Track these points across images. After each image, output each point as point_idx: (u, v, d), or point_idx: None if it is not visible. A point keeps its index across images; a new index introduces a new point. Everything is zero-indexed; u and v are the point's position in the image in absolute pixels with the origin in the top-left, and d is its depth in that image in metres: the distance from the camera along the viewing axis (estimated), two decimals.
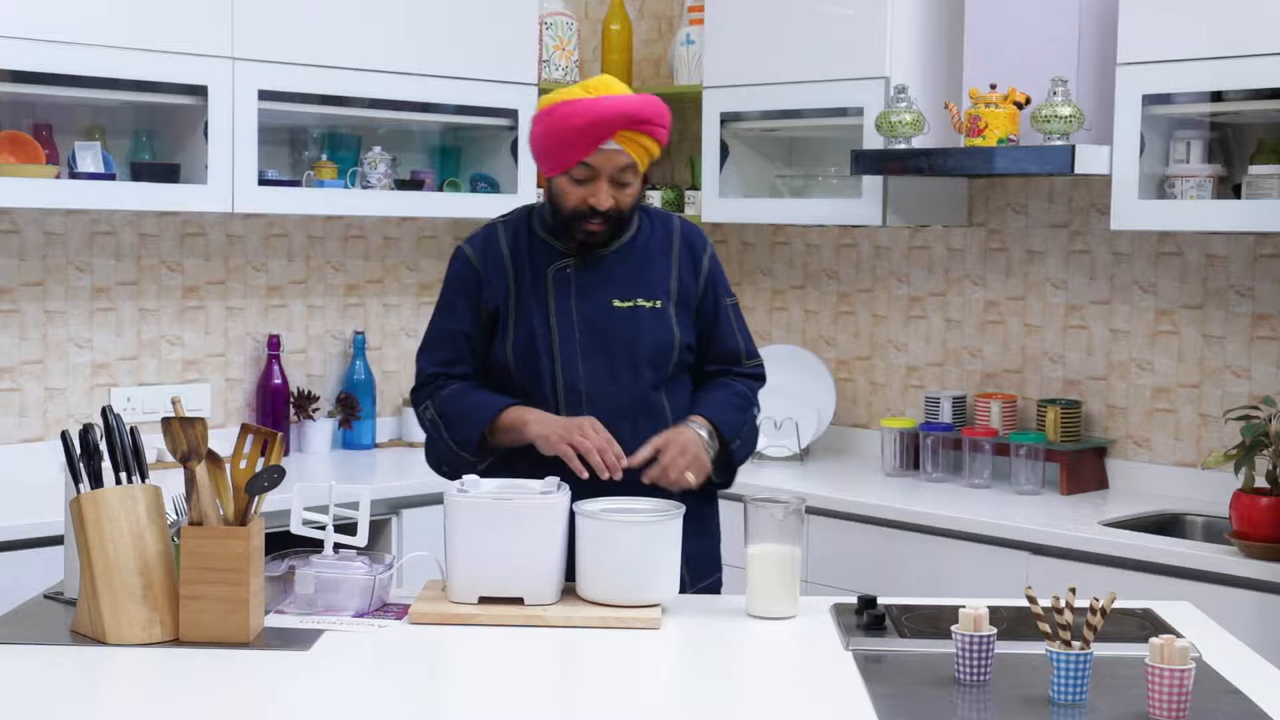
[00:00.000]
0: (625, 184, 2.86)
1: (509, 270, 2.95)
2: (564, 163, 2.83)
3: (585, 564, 2.64)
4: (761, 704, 2.25)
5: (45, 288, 4.14)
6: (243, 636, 2.44)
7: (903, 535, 3.96)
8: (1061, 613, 2.22)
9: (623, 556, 2.60)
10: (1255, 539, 3.40)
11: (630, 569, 2.61)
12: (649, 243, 2.99)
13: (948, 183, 4.49)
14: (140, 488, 2.52)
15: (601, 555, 2.62)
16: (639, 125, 2.80)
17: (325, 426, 4.58)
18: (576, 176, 2.84)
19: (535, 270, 2.94)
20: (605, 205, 2.84)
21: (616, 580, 2.61)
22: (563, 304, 2.92)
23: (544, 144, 2.85)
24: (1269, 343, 4.02)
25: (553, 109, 2.83)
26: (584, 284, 2.93)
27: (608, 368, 2.91)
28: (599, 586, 2.62)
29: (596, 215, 2.85)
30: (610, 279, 2.94)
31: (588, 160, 2.82)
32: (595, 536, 2.62)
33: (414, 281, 4.83)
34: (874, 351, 4.80)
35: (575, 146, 2.80)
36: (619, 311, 2.91)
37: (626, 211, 2.90)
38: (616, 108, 2.79)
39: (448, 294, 3.01)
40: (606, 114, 2.78)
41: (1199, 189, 3.82)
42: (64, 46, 3.74)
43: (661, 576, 2.64)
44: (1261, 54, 3.60)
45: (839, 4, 4.38)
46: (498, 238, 2.99)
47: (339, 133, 4.55)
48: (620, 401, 2.90)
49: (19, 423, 4.11)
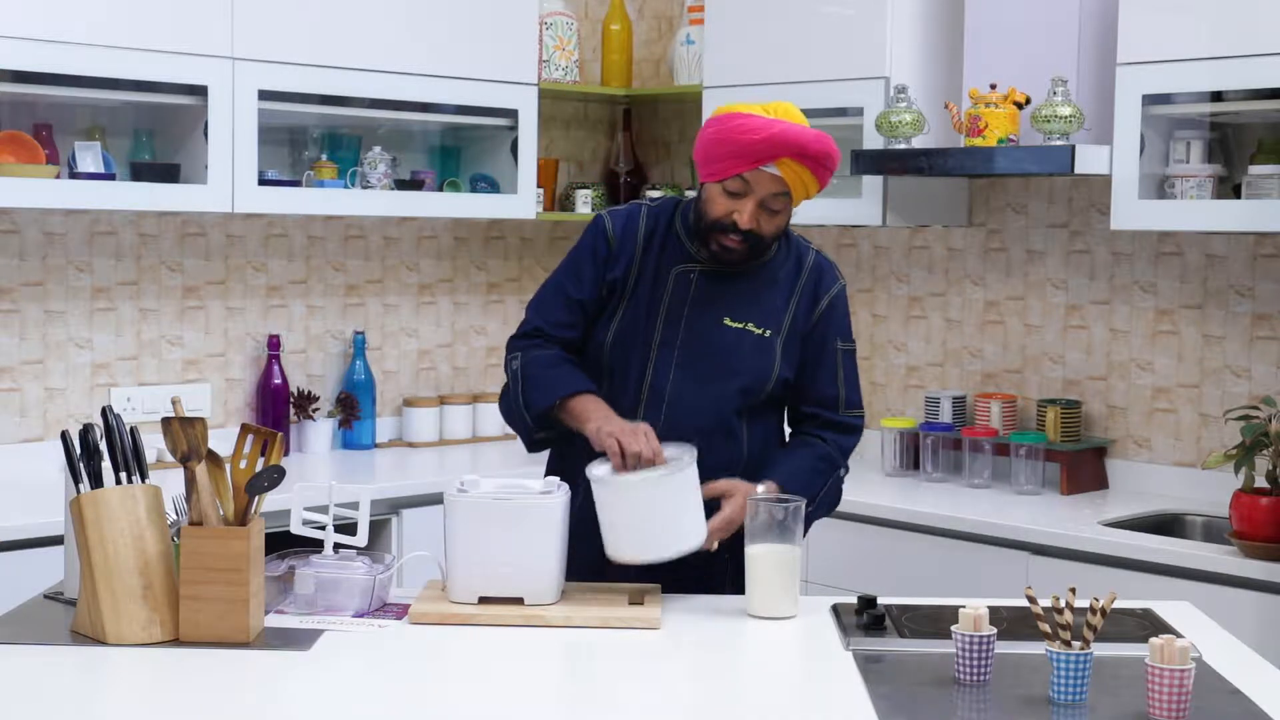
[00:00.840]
0: (775, 211, 2.83)
1: (638, 254, 2.93)
2: (723, 171, 2.80)
3: (612, 527, 2.66)
4: (761, 704, 2.25)
5: (45, 288, 4.14)
6: (243, 636, 2.44)
7: (903, 535, 3.96)
8: (1061, 613, 2.22)
9: (647, 514, 2.63)
10: (1255, 539, 3.40)
11: (659, 524, 2.63)
12: (779, 270, 2.95)
13: (948, 183, 4.49)
14: (140, 488, 2.52)
15: (625, 517, 2.65)
16: (806, 159, 2.77)
17: (325, 426, 4.58)
18: (730, 189, 2.81)
19: (661, 265, 2.92)
20: (747, 225, 2.80)
21: (645, 539, 2.64)
22: (675, 307, 2.89)
23: (710, 149, 2.82)
24: (1269, 343, 4.02)
25: (729, 117, 2.81)
26: (702, 294, 2.89)
27: (698, 381, 2.88)
28: (630, 547, 2.65)
29: (736, 232, 2.82)
30: (729, 295, 2.90)
31: (745, 175, 2.78)
32: (614, 499, 2.65)
33: (414, 281, 4.83)
34: (874, 351, 4.80)
35: (739, 159, 2.77)
36: (728, 330, 2.88)
37: (767, 238, 2.86)
38: (791, 134, 2.76)
39: (575, 257, 2.98)
40: (780, 137, 2.75)
41: (1199, 189, 3.82)
42: (64, 46, 3.74)
43: (688, 525, 2.66)
44: (1261, 54, 3.60)
45: (839, 4, 4.38)
46: (639, 219, 2.96)
47: (339, 133, 4.55)
48: (701, 416, 2.87)
49: (19, 423, 4.11)
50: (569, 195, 5.02)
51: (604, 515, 2.69)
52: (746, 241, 2.83)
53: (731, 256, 2.85)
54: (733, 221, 2.81)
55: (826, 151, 2.79)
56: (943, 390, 4.58)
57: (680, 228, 2.94)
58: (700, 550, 2.72)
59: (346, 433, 4.64)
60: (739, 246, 2.83)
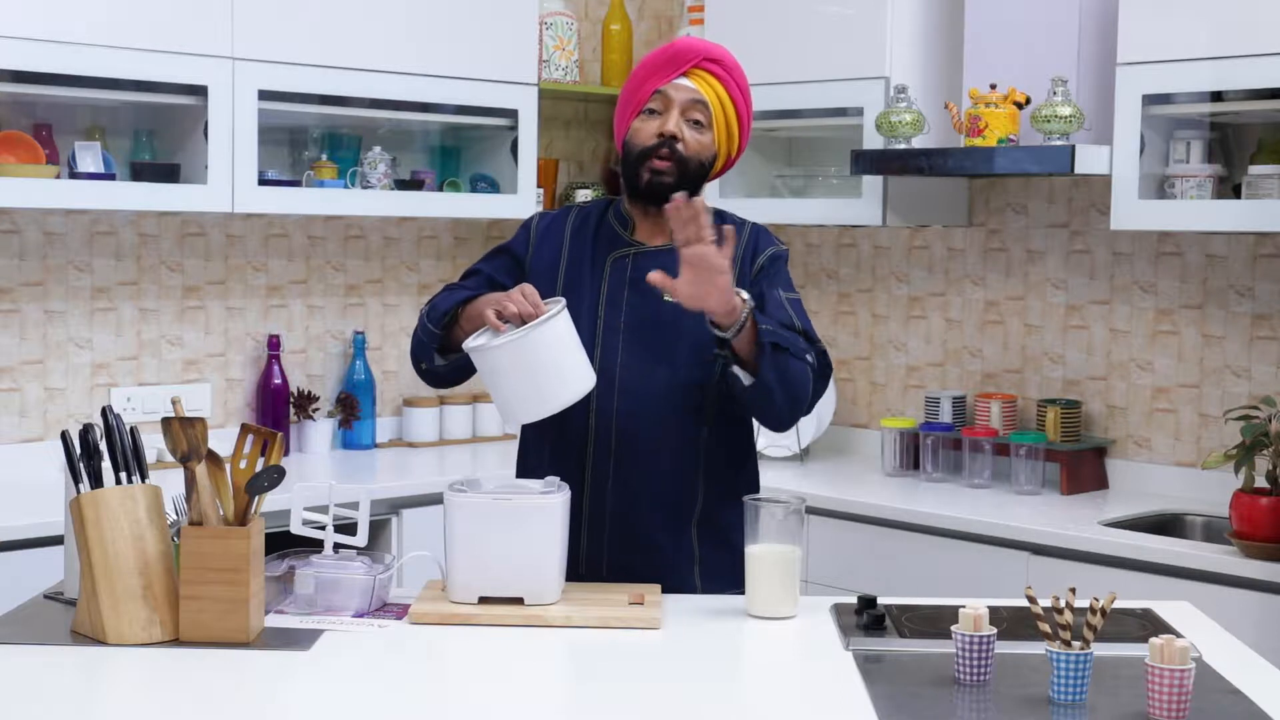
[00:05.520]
0: (696, 122, 2.87)
1: (564, 249, 2.95)
2: (639, 100, 2.87)
3: (498, 392, 2.70)
4: (761, 704, 2.25)
5: (45, 288, 4.14)
6: (243, 636, 2.44)
7: (903, 535, 3.96)
8: (1061, 613, 2.22)
9: (529, 368, 2.65)
10: (1255, 539, 3.40)
11: (542, 376, 2.66)
12: None
13: (948, 183, 4.49)
14: (140, 488, 2.52)
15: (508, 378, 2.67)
16: (712, 64, 2.86)
17: (325, 426, 4.59)
18: (651, 107, 2.87)
19: (597, 255, 2.94)
20: (672, 129, 2.84)
21: (531, 394, 2.67)
22: (615, 292, 2.91)
23: (625, 96, 2.91)
24: (1269, 343, 4.02)
25: (637, 65, 2.94)
26: (639, 275, 2.90)
27: (647, 360, 2.88)
28: (521, 405, 2.68)
29: (664, 148, 2.84)
30: (667, 273, 2.91)
31: (662, 89, 2.86)
32: (492, 363, 2.68)
33: (414, 281, 4.83)
34: (874, 351, 4.80)
35: (652, 77, 2.87)
36: (667, 305, 2.88)
37: (691, 157, 2.87)
38: (694, 44, 2.89)
39: (498, 246, 3.04)
40: (683, 44, 2.89)
41: (1199, 189, 3.82)
42: (64, 46, 3.74)
43: (570, 371, 2.69)
44: (1261, 54, 3.60)
45: (839, 4, 4.38)
46: (566, 217, 3.01)
47: (339, 133, 4.55)
48: (654, 395, 2.86)
49: (19, 423, 4.11)
50: (569, 195, 5.02)
51: (489, 383, 2.72)
52: (676, 161, 2.85)
53: (663, 180, 2.85)
54: (658, 137, 2.84)
55: (732, 60, 2.91)
56: (943, 390, 4.58)
57: (613, 217, 2.97)
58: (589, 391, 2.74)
59: (346, 433, 4.64)
60: (670, 167, 2.85)
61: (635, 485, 2.85)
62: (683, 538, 2.89)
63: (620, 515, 2.86)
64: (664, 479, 2.86)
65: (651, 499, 2.86)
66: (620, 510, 2.86)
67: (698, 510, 2.89)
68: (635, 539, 2.86)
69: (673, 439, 2.85)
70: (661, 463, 2.86)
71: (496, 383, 2.71)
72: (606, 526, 2.86)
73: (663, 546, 2.87)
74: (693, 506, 2.89)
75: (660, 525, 2.87)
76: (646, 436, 2.84)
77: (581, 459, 2.86)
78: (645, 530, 2.86)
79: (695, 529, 2.89)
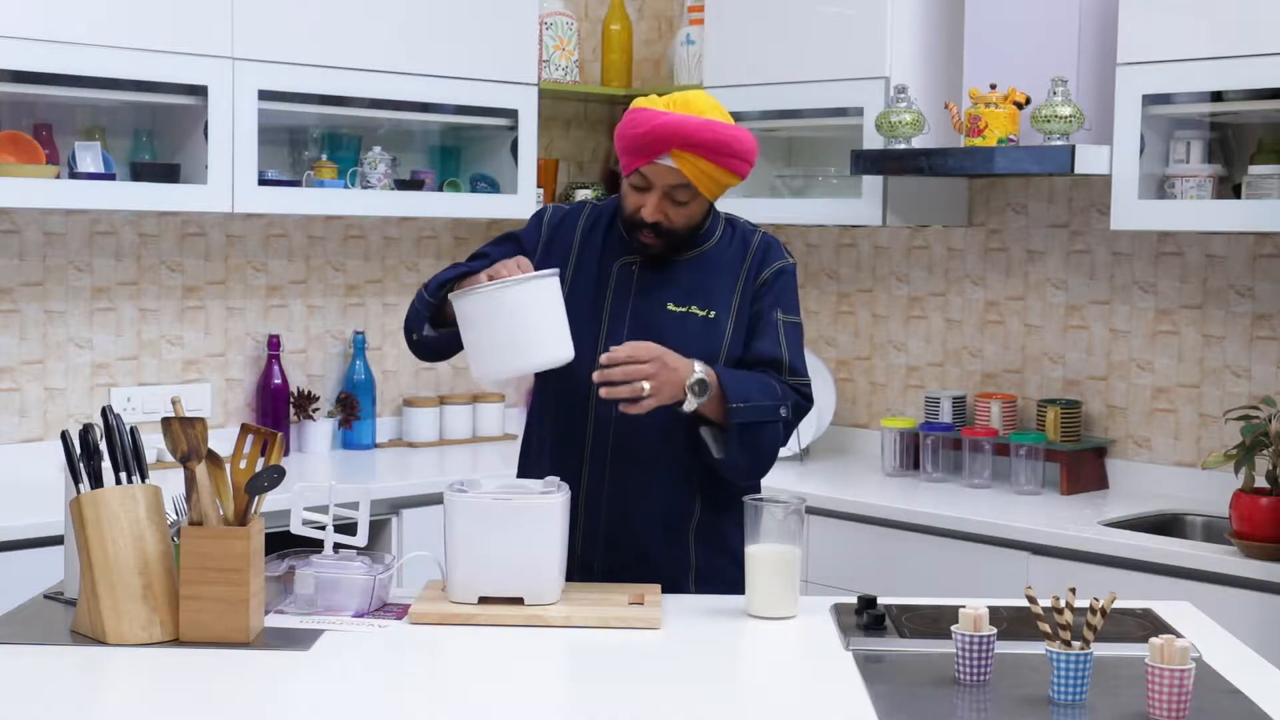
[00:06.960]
0: (680, 202, 2.81)
1: (573, 250, 2.94)
2: (626, 167, 2.83)
3: (474, 345, 2.71)
4: (761, 704, 2.25)
5: (45, 288, 4.14)
6: (243, 636, 2.44)
7: (903, 535, 3.96)
8: (1061, 613, 2.22)
9: (508, 320, 2.67)
10: (1255, 539, 3.40)
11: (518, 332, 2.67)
12: (724, 255, 2.93)
13: (948, 183, 4.49)
14: (140, 488, 2.52)
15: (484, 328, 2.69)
16: (696, 148, 2.74)
17: (325, 426, 4.59)
18: (634, 184, 2.83)
19: (604, 261, 2.93)
20: (651, 218, 2.80)
21: (497, 350, 2.69)
22: (619, 300, 2.90)
23: (617, 145, 2.85)
24: (1269, 343, 4.02)
25: (630, 113, 2.81)
26: (645, 284, 2.90)
27: None
28: (493, 358, 2.70)
29: (647, 226, 2.83)
30: (671, 283, 2.90)
31: (642, 170, 2.80)
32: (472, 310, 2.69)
33: (414, 281, 4.83)
34: (874, 351, 4.80)
35: (634, 154, 2.79)
36: (671, 315, 2.87)
37: (679, 230, 2.85)
38: (673, 125, 2.73)
39: (508, 233, 3.02)
40: (662, 129, 2.74)
41: (1199, 189, 3.82)
42: (64, 46, 3.74)
43: (549, 334, 2.70)
44: (1261, 54, 3.60)
45: (839, 4, 4.38)
46: (579, 217, 2.98)
47: (339, 133, 4.54)
48: None
49: (19, 423, 4.11)
50: (569, 195, 5.02)
51: (466, 337, 2.73)
52: (659, 235, 2.84)
53: (650, 250, 2.87)
54: (641, 217, 2.82)
55: (719, 139, 2.74)
56: (943, 390, 4.58)
57: (621, 224, 2.95)
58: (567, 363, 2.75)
59: (346, 433, 4.64)
60: (654, 241, 2.85)
61: (633, 491, 2.84)
62: (679, 546, 2.88)
63: (616, 521, 2.86)
64: (662, 486, 2.86)
65: (648, 506, 2.86)
66: (616, 516, 2.86)
67: (695, 519, 2.89)
68: (631, 545, 2.86)
69: (671, 446, 2.85)
70: (659, 470, 2.85)
71: (471, 335, 2.72)
72: (602, 532, 2.86)
73: (657, 554, 2.86)
74: (690, 515, 2.89)
75: (656, 532, 2.87)
76: (645, 442, 2.84)
77: (580, 463, 2.86)
78: (641, 536, 2.86)
79: (692, 536, 2.89)
